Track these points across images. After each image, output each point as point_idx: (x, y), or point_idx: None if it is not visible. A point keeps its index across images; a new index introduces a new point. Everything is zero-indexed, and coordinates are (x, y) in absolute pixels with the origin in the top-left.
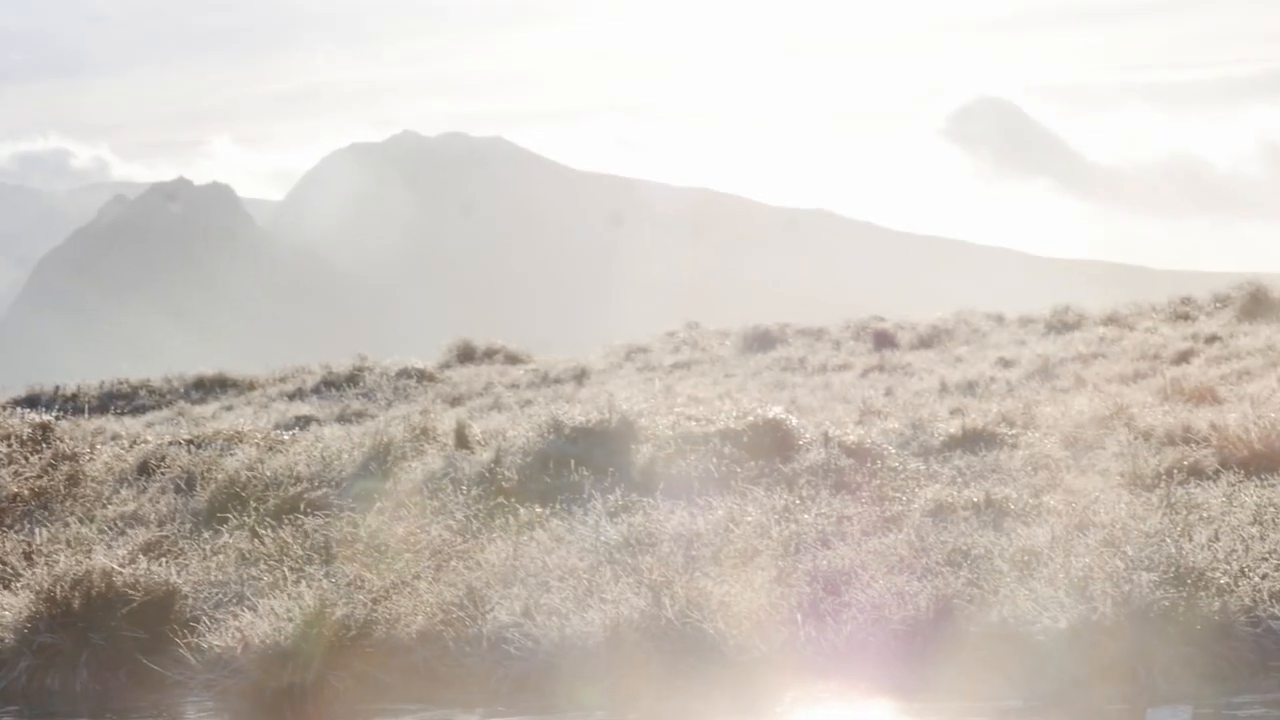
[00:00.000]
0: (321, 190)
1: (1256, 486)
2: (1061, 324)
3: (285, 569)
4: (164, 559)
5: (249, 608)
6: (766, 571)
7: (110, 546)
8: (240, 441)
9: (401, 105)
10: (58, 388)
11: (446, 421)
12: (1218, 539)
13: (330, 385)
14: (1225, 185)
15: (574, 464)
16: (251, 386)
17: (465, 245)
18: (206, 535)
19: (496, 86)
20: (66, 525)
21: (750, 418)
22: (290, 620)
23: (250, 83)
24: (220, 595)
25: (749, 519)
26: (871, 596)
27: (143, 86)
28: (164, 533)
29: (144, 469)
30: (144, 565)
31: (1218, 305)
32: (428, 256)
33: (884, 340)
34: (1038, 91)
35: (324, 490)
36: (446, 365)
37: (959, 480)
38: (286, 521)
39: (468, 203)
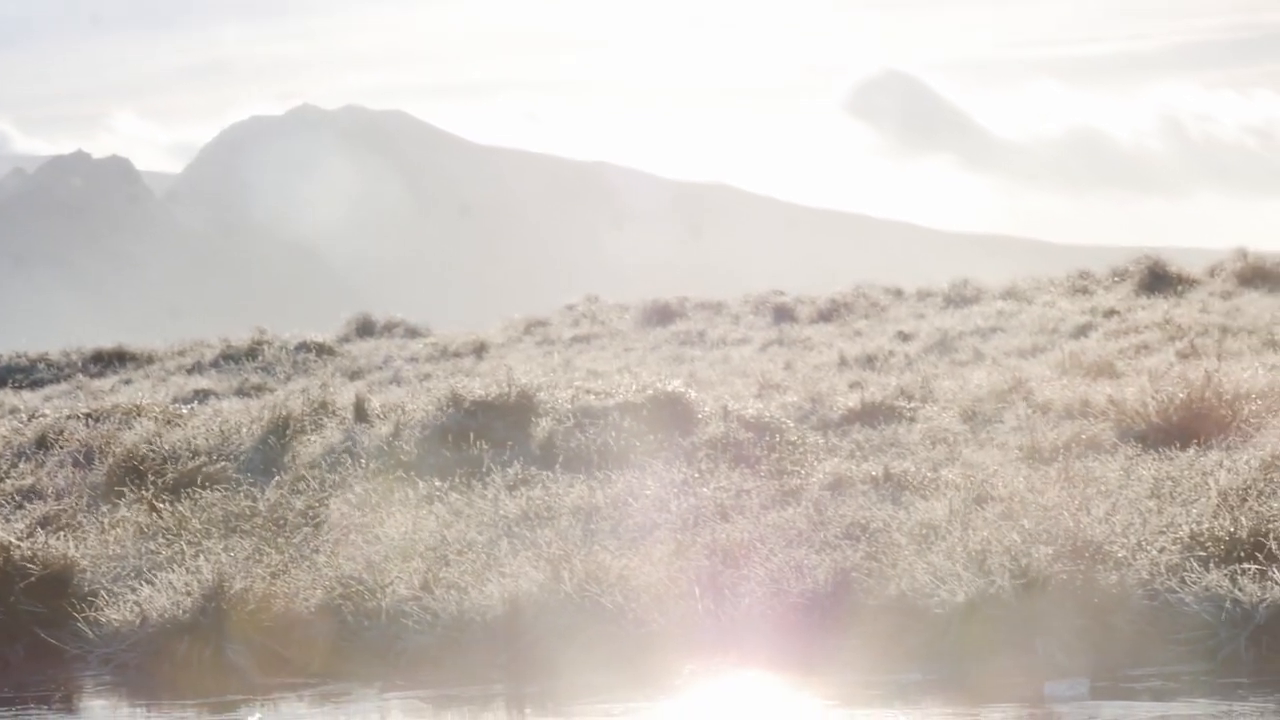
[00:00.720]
0: (221, 163)
1: (1154, 460)
2: (960, 298)
3: (184, 543)
4: (62, 533)
5: (147, 582)
6: (665, 545)
7: (8, 520)
8: (139, 415)
9: (304, 79)
10: None
11: (345, 395)
12: (1115, 512)
13: (229, 359)
14: (1127, 160)
15: (473, 437)
16: (150, 360)
17: (364, 218)
18: (105, 509)
19: (398, 61)
20: None
21: (649, 391)
22: (188, 594)
23: (153, 56)
24: (119, 569)
25: (648, 492)
26: (770, 570)
27: (45, 60)
28: (62, 506)
29: (42, 443)
30: (42, 539)
31: (1116, 280)
32: (327, 229)
33: (783, 314)
34: (941, 67)
35: (222, 464)
36: (345, 339)
37: (858, 454)
38: (185, 495)
39: (367, 175)
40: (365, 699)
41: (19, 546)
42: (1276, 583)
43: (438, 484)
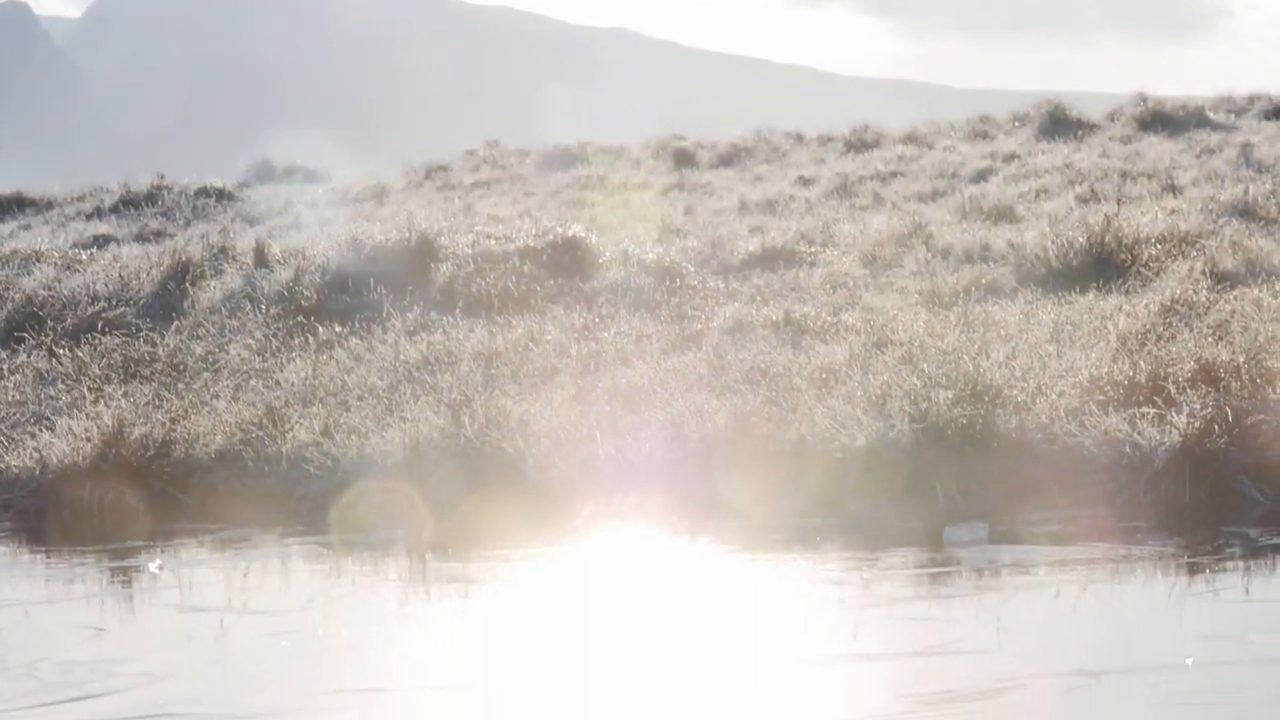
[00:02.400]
0: (116, 6)
1: (1054, 304)
2: (860, 142)
3: (83, 389)
4: None
5: (47, 428)
6: (566, 390)
7: None
8: (38, 261)
9: None
10: None
11: (245, 241)
12: (1015, 356)
13: (129, 204)
14: (1029, 3)
15: (373, 283)
16: (49, 206)
17: (258, 62)
18: (4, 355)
19: None
20: None
21: (550, 236)
22: (88, 440)
23: None
24: (18, 415)
25: (548, 337)
26: (670, 414)
27: None
28: None
29: None
30: None
31: (1016, 124)
32: (222, 74)
33: (684, 159)
34: None
35: (122, 310)
36: (246, 184)
37: (758, 298)
38: (84, 341)
39: (261, 17)
40: (266, 544)
41: None
42: (1175, 427)
43: (338, 329)
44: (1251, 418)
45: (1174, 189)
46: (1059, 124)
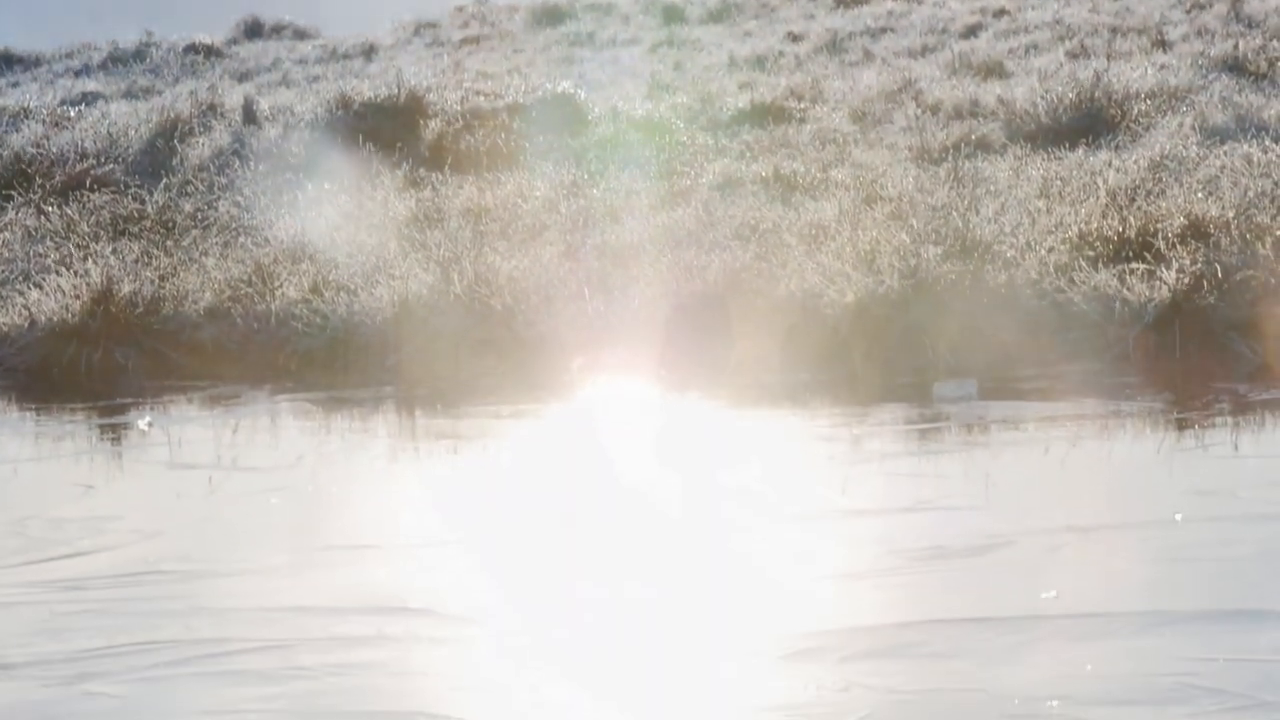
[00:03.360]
0: None
1: (1043, 160)
2: None
3: (72, 246)
4: None
5: (36, 285)
6: (555, 246)
7: None
8: (26, 118)
9: None
10: None
11: (234, 98)
12: (1004, 212)
13: (117, 61)
14: None
15: (362, 140)
16: (37, 63)
17: None
18: None
19: None
20: None
21: (539, 93)
22: (77, 298)
23: None
24: (6, 273)
25: (537, 194)
26: (660, 271)
27: None
28: None
29: None
30: None
31: None
32: None
33: (673, 15)
34: None
35: (110, 167)
36: (234, 41)
37: (747, 155)
38: (73, 198)
39: None
40: (255, 402)
41: None
42: (1165, 283)
43: (326, 186)
44: (1241, 273)
45: (1164, 44)
46: None
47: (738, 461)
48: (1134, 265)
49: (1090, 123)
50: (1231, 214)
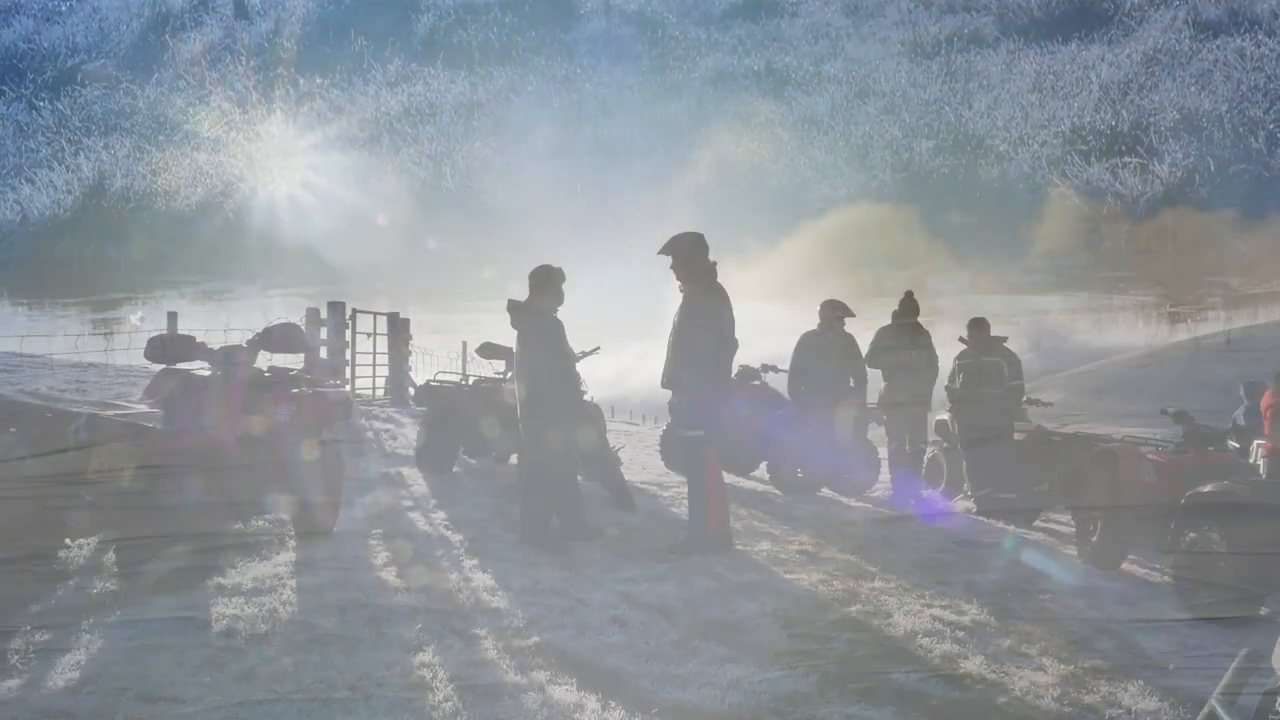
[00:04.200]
0: None
1: (1036, 54)
2: None
3: (64, 141)
4: None
5: (28, 180)
6: (548, 142)
7: None
8: (16, 13)
9: None
10: None
11: None
12: (997, 107)
13: None
14: None
15: (353, 34)
16: None
17: None
18: None
19: None
20: None
21: None
22: (69, 193)
23: None
24: None
25: (530, 89)
26: (653, 165)
27: None
28: None
29: None
30: None
31: None
32: None
33: None
34: None
35: (102, 61)
36: None
37: (740, 49)
38: (64, 93)
39: None
40: (247, 296)
41: None
42: (1158, 176)
43: (319, 81)
44: (1234, 168)
45: None
46: None
47: None
48: (1127, 159)
49: (1083, 16)
50: (1225, 108)
